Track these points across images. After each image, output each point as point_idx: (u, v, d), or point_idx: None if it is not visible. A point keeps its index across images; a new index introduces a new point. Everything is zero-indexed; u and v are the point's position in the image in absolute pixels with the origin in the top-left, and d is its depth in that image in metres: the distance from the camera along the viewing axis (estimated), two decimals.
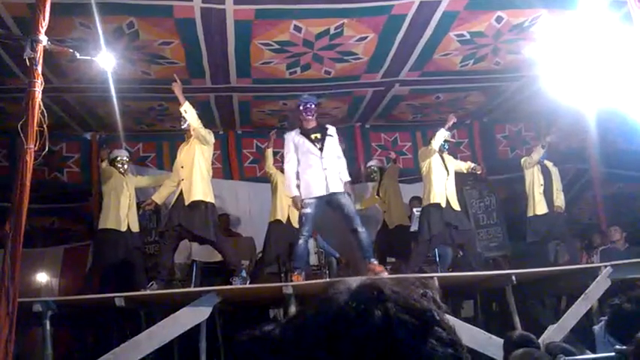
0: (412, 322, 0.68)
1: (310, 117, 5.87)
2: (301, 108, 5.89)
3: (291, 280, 5.65)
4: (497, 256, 8.87)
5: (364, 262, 5.91)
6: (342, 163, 5.97)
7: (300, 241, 5.79)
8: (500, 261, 8.71)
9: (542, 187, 7.46)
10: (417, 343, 0.68)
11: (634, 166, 8.40)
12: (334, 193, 5.75)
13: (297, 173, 5.85)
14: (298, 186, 5.85)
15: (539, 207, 7.41)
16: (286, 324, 0.76)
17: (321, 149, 5.78)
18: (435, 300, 0.74)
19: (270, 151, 7.36)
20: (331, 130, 5.96)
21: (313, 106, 5.92)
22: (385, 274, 5.51)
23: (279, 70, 7.03)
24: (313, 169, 5.75)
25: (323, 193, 5.72)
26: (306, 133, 5.85)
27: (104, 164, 6.77)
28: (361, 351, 0.67)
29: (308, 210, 5.71)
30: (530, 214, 7.49)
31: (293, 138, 5.88)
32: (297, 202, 5.84)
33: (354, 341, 0.67)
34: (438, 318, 0.71)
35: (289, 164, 5.89)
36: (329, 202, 5.83)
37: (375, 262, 5.88)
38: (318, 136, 5.85)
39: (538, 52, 6.69)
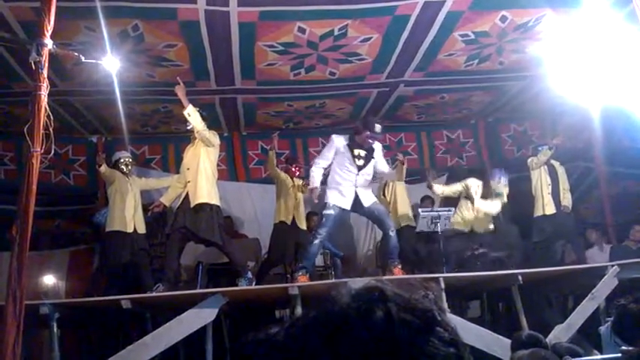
0: (414, 322, 0.69)
1: (367, 143, 5.89)
2: (368, 134, 5.83)
3: (296, 281, 5.67)
4: (503, 256, 8.83)
5: (389, 264, 5.95)
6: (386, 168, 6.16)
7: (316, 242, 5.84)
8: (506, 261, 8.67)
9: (549, 187, 7.44)
10: (419, 342, 0.68)
11: (639, 165, 8.37)
12: (363, 206, 5.85)
13: (324, 172, 5.99)
14: (322, 182, 6.01)
15: (548, 207, 7.38)
16: (290, 326, 0.76)
17: (359, 167, 5.84)
18: (436, 301, 0.75)
19: (273, 153, 7.37)
20: (377, 151, 5.98)
21: (375, 140, 5.95)
22: None
23: (284, 71, 7.03)
24: (347, 182, 5.83)
25: (347, 207, 5.84)
26: (352, 146, 5.88)
27: (103, 168, 6.78)
28: (363, 351, 0.67)
29: (331, 212, 5.77)
30: (538, 214, 7.46)
31: (339, 144, 5.91)
32: (315, 194, 5.96)
33: (356, 342, 0.67)
34: (439, 318, 0.71)
35: (318, 165, 5.97)
36: (357, 210, 5.95)
37: (399, 267, 5.91)
38: (362, 153, 5.88)
39: (543, 51, 6.67)
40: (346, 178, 5.82)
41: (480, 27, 6.30)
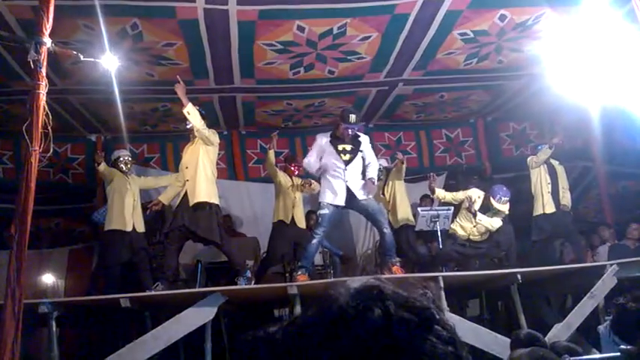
0: (412, 320, 0.69)
1: (347, 135, 5.89)
2: (344, 126, 5.86)
3: (296, 280, 5.67)
4: (500, 255, 8.85)
5: (384, 261, 5.97)
6: (372, 167, 5.98)
7: (314, 241, 5.86)
8: (503, 259, 8.70)
9: (549, 186, 7.44)
10: (417, 340, 0.68)
11: (638, 164, 8.37)
12: (356, 200, 5.84)
13: (318, 168, 5.95)
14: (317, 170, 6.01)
15: (548, 206, 7.39)
16: (288, 325, 0.76)
17: (346, 162, 5.83)
18: (434, 300, 0.74)
19: (271, 153, 7.36)
20: (364, 143, 5.98)
21: (354, 131, 5.93)
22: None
23: (283, 70, 7.03)
24: (336, 178, 5.83)
25: (341, 204, 5.83)
26: (334, 142, 5.89)
27: (102, 167, 6.76)
28: (362, 349, 0.67)
29: (326, 211, 5.79)
30: (537, 212, 7.47)
31: (322, 142, 5.93)
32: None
33: (355, 340, 0.67)
34: (437, 317, 0.71)
35: (308, 162, 5.99)
36: (351, 206, 5.94)
37: (397, 264, 5.92)
38: (347, 147, 5.88)
39: (542, 50, 6.67)
40: (335, 175, 5.83)
41: (478, 26, 6.30)
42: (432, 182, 7.52)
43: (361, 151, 5.91)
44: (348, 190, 5.80)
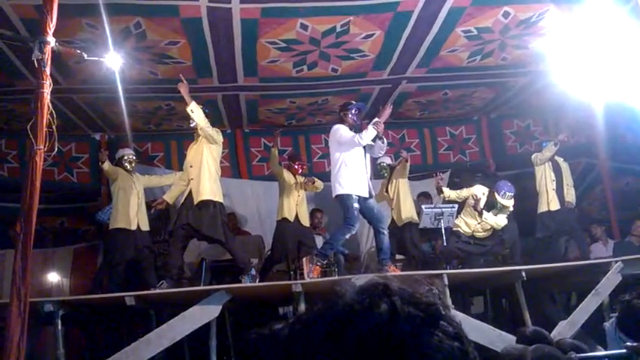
0: (418, 315, 0.69)
1: (356, 120, 5.98)
2: (352, 112, 5.97)
3: (315, 268, 5.69)
4: (504, 252, 8.84)
5: (380, 263, 5.95)
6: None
7: (347, 235, 5.90)
8: (507, 256, 8.69)
9: (554, 183, 7.43)
10: (424, 336, 0.68)
11: None
12: (369, 197, 5.89)
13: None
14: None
15: (552, 203, 7.38)
16: (294, 322, 0.76)
17: (364, 153, 5.90)
18: (440, 297, 0.74)
19: (275, 151, 7.36)
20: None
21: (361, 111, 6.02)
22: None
23: (286, 68, 7.03)
24: (360, 169, 5.85)
25: (366, 195, 5.85)
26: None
27: (106, 165, 6.77)
28: (367, 345, 0.67)
29: (357, 205, 5.78)
30: (542, 209, 7.46)
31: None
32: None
33: (360, 335, 0.67)
34: (444, 312, 0.71)
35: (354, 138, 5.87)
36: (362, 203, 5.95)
37: (393, 266, 5.92)
38: None
39: (546, 47, 6.65)
40: (358, 165, 5.82)
41: (482, 23, 6.28)
42: (439, 181, 7.50)
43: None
44: (369, 184, 5.83)
